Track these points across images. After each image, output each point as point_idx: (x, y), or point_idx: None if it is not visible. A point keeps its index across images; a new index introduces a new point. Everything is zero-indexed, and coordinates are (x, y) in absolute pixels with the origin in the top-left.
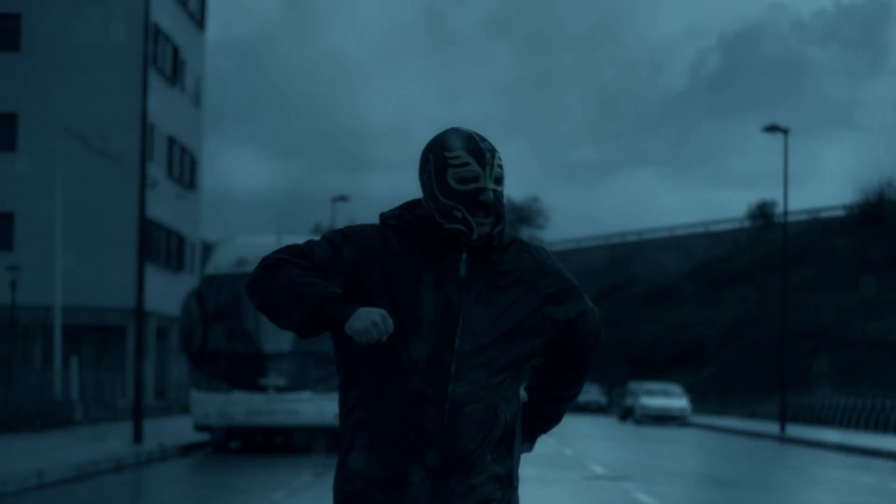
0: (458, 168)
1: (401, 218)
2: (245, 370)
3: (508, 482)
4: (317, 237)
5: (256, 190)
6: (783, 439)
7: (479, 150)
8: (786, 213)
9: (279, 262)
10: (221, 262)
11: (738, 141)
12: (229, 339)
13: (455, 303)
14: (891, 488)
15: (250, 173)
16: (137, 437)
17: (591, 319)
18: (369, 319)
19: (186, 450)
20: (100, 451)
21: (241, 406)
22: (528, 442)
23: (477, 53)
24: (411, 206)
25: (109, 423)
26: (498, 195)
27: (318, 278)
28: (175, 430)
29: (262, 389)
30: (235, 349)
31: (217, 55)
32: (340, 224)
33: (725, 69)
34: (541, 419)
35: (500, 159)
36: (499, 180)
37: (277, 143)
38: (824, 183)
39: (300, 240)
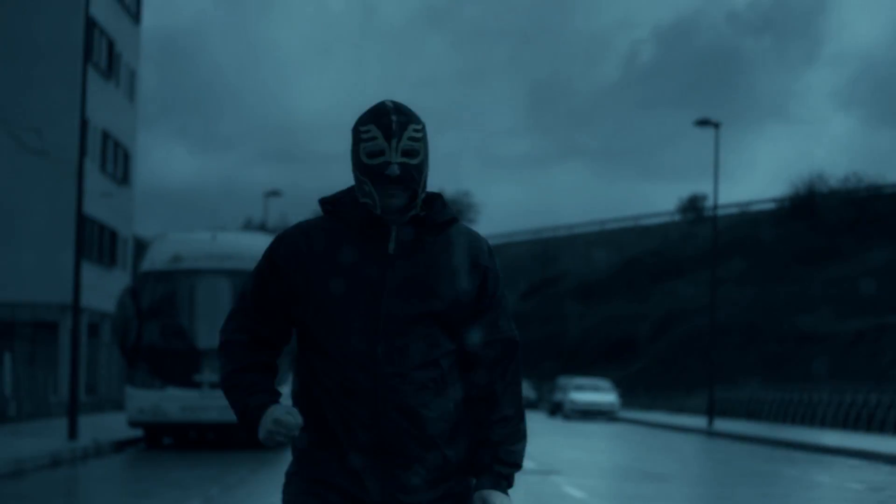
0: (366, 142)
1: (336, 201)
2: (179, 366)
3: (460, 469)
4: (249, 232)
5: (189, 184)
6: (711, 433)
7: (388, 122)
8: (716, 207)
9: (223, 348)
10: (157, 258)
11: (670, 133)
12: (164, 335)
13: (379, 281)
14: (815, 481)
15: (182, 167)
16: (72, 433)
17: (498, 329)
18: (264, 429)
19: (121, 446)
20: (36, 447)
21: (176, 402)
22: (502, 493)
23: (410, 46)
24: (352, 188)
25: (43, 420)
26: (408, 168)
27: (251, 372)
28: (109, 426)
29: (197, 386)
30: (170, 345)
31: (150, 48)
32: (273, 219)
33: (659, 61)
34: (498, 464)
35: (416, 131)
36: (410, 153)
37: (210, 137)
38: (757, 175)
39: (234, 238)
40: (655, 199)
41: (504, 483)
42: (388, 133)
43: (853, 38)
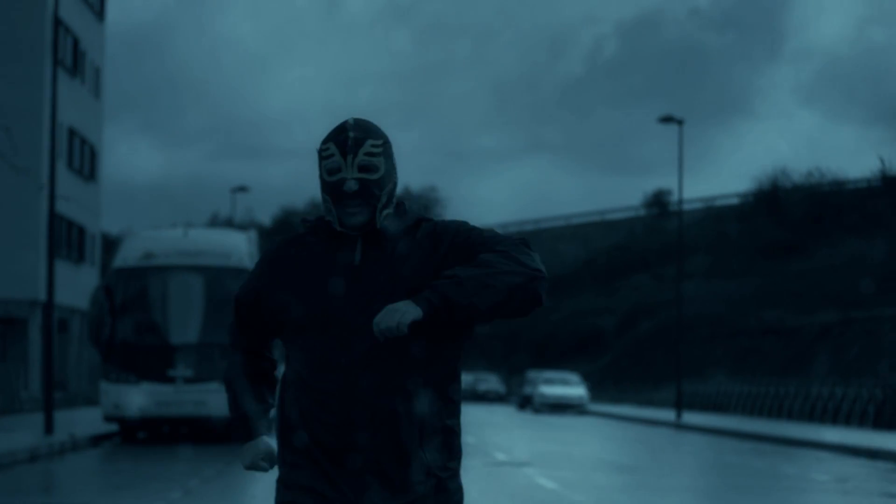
0: (326, 160)
1: (315, 220)
2: (153, 361)
3: (441, 478)
4: (216, 227)
5: (155, 179)
6: (679, 426)
7: (344, 139)
8: (680, 202)
9: (228, 372)
10: (129, 255)
11: (635, 128)
12: (137, 331)
13: (346, 291)
14: (782, 472)
15: (148, 163)
16: (49, 428)
17: (505, 240)
18: (244, 463)
19: (96, 440)
20: (13, 442)
21: (150, 397)
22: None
23: (375, 41)
24: None
25: (15, 415)
26: (367, 184)
27: (245, 391)
28: (82, 421)
29: (171, 380)
30: (144, 341)
31: (113, 43)
32: (240, 214)
33: (623, 56)
34: (442, 280)
35: (374, 146)
36: (368, 168)
37: (175, 132)
38: (722, 170)
39: (205, 235)
40: (622, 193)
41: (422, 295)
42: (343, 149)
43: (816, 34)
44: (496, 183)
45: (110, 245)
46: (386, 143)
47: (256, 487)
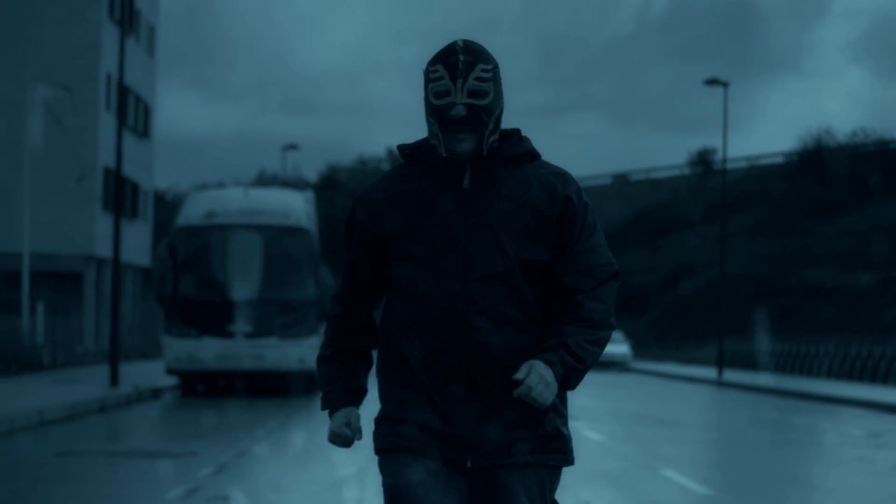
0: (434, 82)
1: (414, 146)
2: (214, 317)
3: (556, 413)
4: (264, 184)
5: (201, 134)
6: (720, 384)
7: (455, 62)
8: (724, 163)
9: (327, 326)
10: (192, 213)
11: (683, 86)
12: (199, 287)
13: (456, 217)
14: (819, 427)
15: (194, 118)
16: (114, 380)
17: (594, 257)
18: (329, 431)
19: (158, 392)
20: (83, 394)
21: (211, 351)
22: (553, 373)
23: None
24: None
25: (75, 368)
26: (475, 110)
27: (338, 362)
28: (140, 374)
29: (230, 335)
30: (205, 297)
31: None
32: (287, 171)
33: (672, 13)
34: (567, 354)
35: (484, 71)
36: (477, 94)
37: (222, 87)
38: (769, 128)
39: (265, 194)
40: (668, 151)
41: (559, 367)
42: (454, 73)
43: None
44: (542, 139)
45: (159, 201)
46: (495, 68)
47: (316, 438)
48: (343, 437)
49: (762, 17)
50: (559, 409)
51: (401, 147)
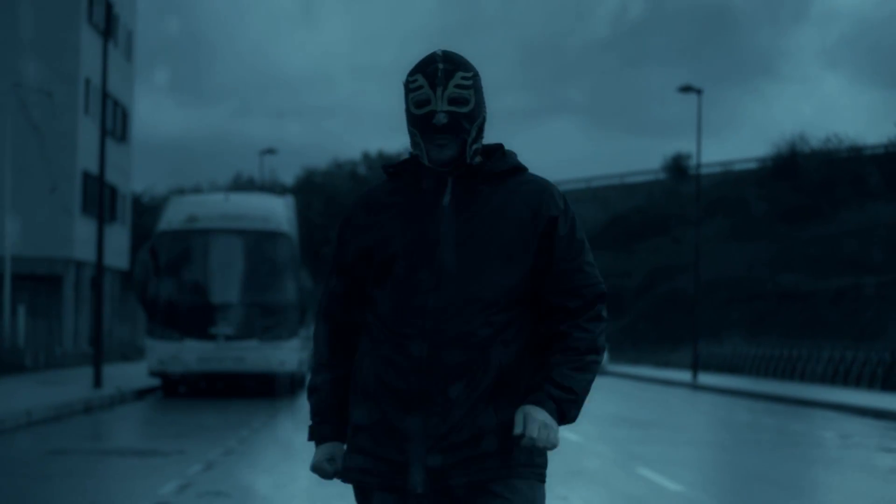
0: (414, 92)
1: (397, 164)
2: (196, 319)
3: (508, 439)
4: (240, 188)
5: (179, 137)
6: (695, 387)
7: (434, 70)
8: (698, 168)
9: (315, 335)
10: (174, 218)
11: (659, 90)
12: (181, 290)
13: (435, 233)
14: (790, 429)
15: (170, 120)
16: (97, 381)
17: (580, 277)
18: (313, 462)
19: (141, 394)
20: (67, 395)
21: (193, 353)
22: (541, 407)
23: (399, 0)
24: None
25: (55, 370)
26: (456, 117)
27: (327, 392)
28: (121, 375)
29: (212, 338)
30: (187, 300)
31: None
32: (265, 176)
33: (649, 17)
34: (550, 384)
35: (464, 79)
36: (458, 101)
37: (197, 90)
38: (745, 133)
39: (246, 199)
40: (644, 155)
41: (550, 403)
42: (433, 81)
43: None
44: (517, 143)
45: (135, 204)
46: (475, 76)
47: (299, 436)
48: (323, 472)
49: (739, 22)
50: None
51: (385, 167)
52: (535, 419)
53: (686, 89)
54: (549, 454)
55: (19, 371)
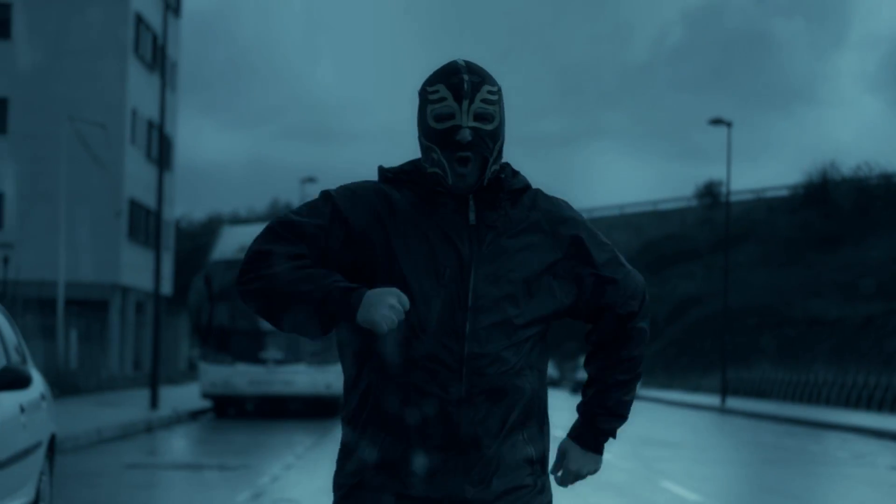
0: (435, 104)
1: (400, 171)
2: (247, 345)
3: (542, 467)
4: (278, 213)
5: (216, 162)
6: (724, 411)
7: (458, 82)
8: (728, 196)
9: (264, 256)
10: (226, 248)
11: (695, 115)
12: (233, 317)
13: (465, 254)
14: (808, 449)
15: (210, 145)
16: (154, 403)
17: (631, 280)
18: (385, 303)
19: (194, 415)
20: (130, 415)
21: (244, 377)
22: (593, 452)
23: (441, 25)
24: (414, 161)
25: (106, 392)
26: (481, 135)
27: (312, 266)
28: (174, 397)
29: (263, 362)
30: (238, 326)
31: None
32: (303, 201)
33: (688, 42)
34: (602, 415)
35: (490, 93)
36: (484, 117)
37: (238, 114)
38: (782, 157)
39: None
40: (681, 180)
41: (601, 439)
42: (458, 94)
43: (883, 21)
44: (557, 169)
45: (179, 231)
46: (500, 91)
47: None
48: (402, 302)
49: (777, 47)
50: (544, 452)
51: (383, 169)
52: (569, 472)
53: (716, 122)
54: None
55: (75, 393)
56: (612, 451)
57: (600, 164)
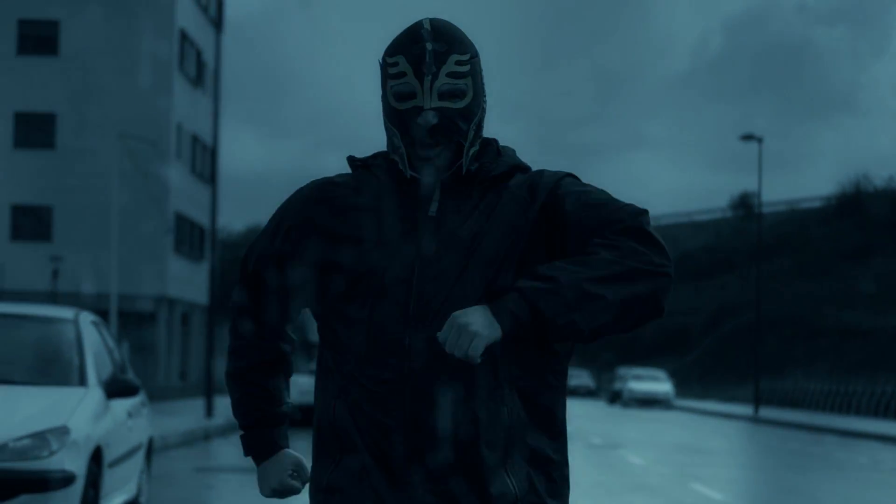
0: (394, 80)
1: (368, 159)
2: (295, 356)
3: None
4: None
5: (257, 172)
6: (756, 420)
7: (419, 53)
8: (759, 208)
9: (234, 352)
10: None
11: (734, 125)
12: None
13: (416, 252)
14: (833, 456)
15: (252, 155)
16: (209, 411)
17: (629, 207)
18: (267, 487)
19: None
20: (189, 424)
21: (294, 387)
22: (493, 315)
23: (478, 32)
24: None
25: (158, 402)
26: (449, 115)
27: (258, 383)
28: (226, 406)
29: (311, 373)
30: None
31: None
32: None
33: (729, 51)
34: (527, 276)
35: (459, 64)
36: (453, 94)
37: (280, 124)
38: (821, 165)
39: None
40: (718, 190)
41: (507, 314)
42: (419, 68)
43: None
44: (595, 178)
45: (222, 243)
46: (473, 58)
47: None
48: (292, 490)
49: (818, 56)
50: (543, 498)
51: (352, 158)
52: (455, 325)
53: (747, 137)
54: (613, 475)
55: None
56: (646, 456)
57: (638, 174)
